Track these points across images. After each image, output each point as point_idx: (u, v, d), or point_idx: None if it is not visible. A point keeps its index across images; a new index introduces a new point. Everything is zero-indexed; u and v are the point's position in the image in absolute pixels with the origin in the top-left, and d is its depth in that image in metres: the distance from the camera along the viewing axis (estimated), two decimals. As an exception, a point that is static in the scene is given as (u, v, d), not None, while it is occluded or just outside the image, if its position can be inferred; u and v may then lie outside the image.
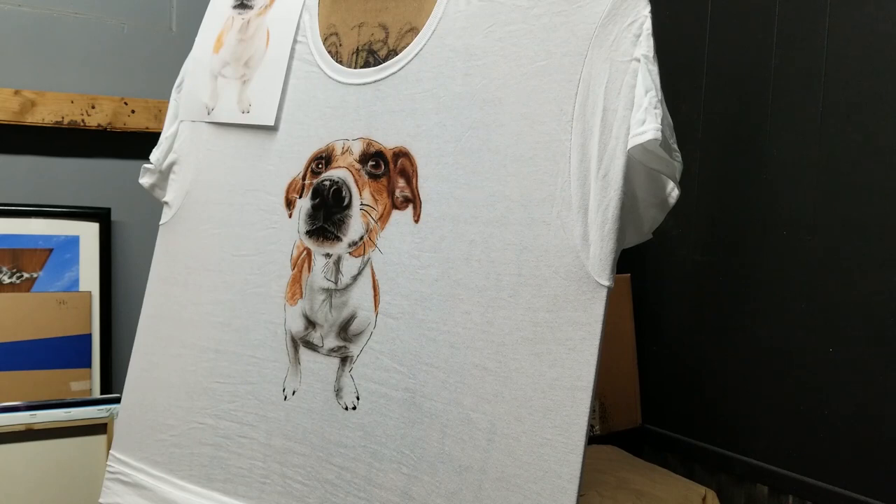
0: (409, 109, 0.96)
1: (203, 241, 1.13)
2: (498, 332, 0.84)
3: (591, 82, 0.83)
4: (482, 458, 0.82)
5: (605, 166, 0.81)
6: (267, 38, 1.13)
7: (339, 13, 1.08)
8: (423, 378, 0.88)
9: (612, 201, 0.80)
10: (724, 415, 1.54)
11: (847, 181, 1.32)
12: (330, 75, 1.05)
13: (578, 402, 0.78)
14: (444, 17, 0.95)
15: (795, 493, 1.40)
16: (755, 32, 1.47)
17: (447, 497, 0.84)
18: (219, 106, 1.15)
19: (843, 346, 1.33)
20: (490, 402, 0.83)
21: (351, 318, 0.96)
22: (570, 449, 0.77)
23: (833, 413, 1.34)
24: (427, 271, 0.90)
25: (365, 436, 0.91)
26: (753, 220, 1.47)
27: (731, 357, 1.52)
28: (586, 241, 0.80)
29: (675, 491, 1.42)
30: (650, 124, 0.79)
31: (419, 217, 0.92)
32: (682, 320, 1.64)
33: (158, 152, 1.21)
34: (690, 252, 1.61)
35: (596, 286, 0.79)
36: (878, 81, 1.28)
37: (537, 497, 0.78)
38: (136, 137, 1.57)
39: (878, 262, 1.28)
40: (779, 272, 1.43)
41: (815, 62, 1.37)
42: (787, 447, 1.41)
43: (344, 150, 1.00)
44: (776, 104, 1.44)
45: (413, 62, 0.97)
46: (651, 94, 0.79)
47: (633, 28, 0.81)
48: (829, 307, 1.34)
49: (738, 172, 1.52)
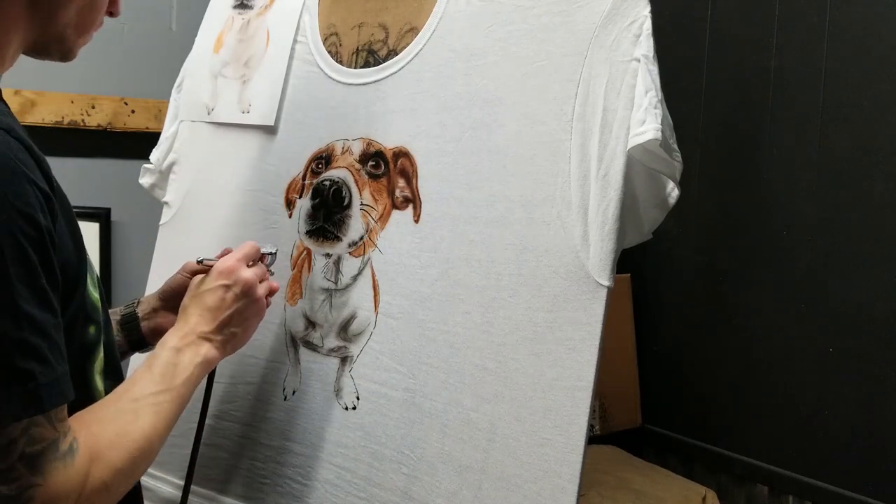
0: (409, 109, 0.96)
1: (203, 242, 1.13)
2: (498, 332, 0.84)
3: (591, 82, 0.83)
4: (482, 458, 0.82)
5: (605, 166, 0.81)
6: (267, 38, 1.13)
7: (339, 13, 1.08)
8: (423, 378, 0.88)
9: (612, 201, 0.80)
10: (724, 415, 1.53)
11: (847, 181, 1.32)
12: (330, 75, 1.05)
13: (578, 402, 0.78)
14: (444, 17, 0.95)
15: (795, 493, 1.40)
16: (755, 32, 1.47)
17: (447, 497, 0.84)
18: (219, 106, 1.15)
19: (843, 346, 1.33)
20: (490, 402, 0.83)
21: (351, 318, 0.96)
22: (570, 449, 0.77)
23: (833, 413, 1.34)
24: (427, 271, 0.90)
25: (365, 436, 0.91)
26: (753, 220, 1.47)
27: (731, 357, 1.51)
28: (586, 241, 0.80)
29: (675, 491, 1.42)
30: (650, 124, 0.79)
31: (419, 217, 0.92)
32: (682, 320, 1.64)
33: (158, 152, 1.21)
34: (690, 252, 1.61)
35: (596, 286, 0.79)
36: (878, 81, 1.28)
37: (537, 497, 0.78)
38: (136, 137, 1.57)
39: (878, 262, 1.28)
40: (779, 272, 1.43)
41: (815, 62, 1.37)
42: (787, 447, 1.41)
43: (344, 150, 1.00)
44: (776, 104, 1.44)
45: (413, 62, 0.97)
46: (651, 94, 0.79)
47: (633, 28, 0.81)
48: (829, 307, 1.34)
49: (738, 172, 1.52)
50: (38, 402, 0.59)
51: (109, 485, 0.65)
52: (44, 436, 0.60)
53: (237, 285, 0.85)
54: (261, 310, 0.89)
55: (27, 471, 0.58)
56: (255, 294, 0.87)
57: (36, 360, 0.59)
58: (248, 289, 0.86)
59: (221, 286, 0.85)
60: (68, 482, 0.61)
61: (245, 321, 0.87)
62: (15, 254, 0.58)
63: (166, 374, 0.77)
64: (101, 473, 0.64)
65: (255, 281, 0.87)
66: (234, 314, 0.85)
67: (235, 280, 0.86)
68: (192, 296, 0.86)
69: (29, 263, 0.59)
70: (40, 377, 0.59)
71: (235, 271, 0.86)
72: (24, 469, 0.58)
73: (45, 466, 0.59)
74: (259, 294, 0.87)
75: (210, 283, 0.86)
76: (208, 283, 0.86)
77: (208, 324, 0.83)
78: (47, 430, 0.60)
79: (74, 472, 0.62)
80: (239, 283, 0.86)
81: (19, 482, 0.58)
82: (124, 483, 0.68)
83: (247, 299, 0.86)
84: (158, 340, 0.82)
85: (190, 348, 0.81)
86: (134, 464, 0.69)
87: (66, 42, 0.75)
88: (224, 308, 0.85)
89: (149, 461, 0.73)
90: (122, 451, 0.67)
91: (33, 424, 0.59)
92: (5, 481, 0.58)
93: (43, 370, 0.59)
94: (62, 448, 0.61)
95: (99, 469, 0.64)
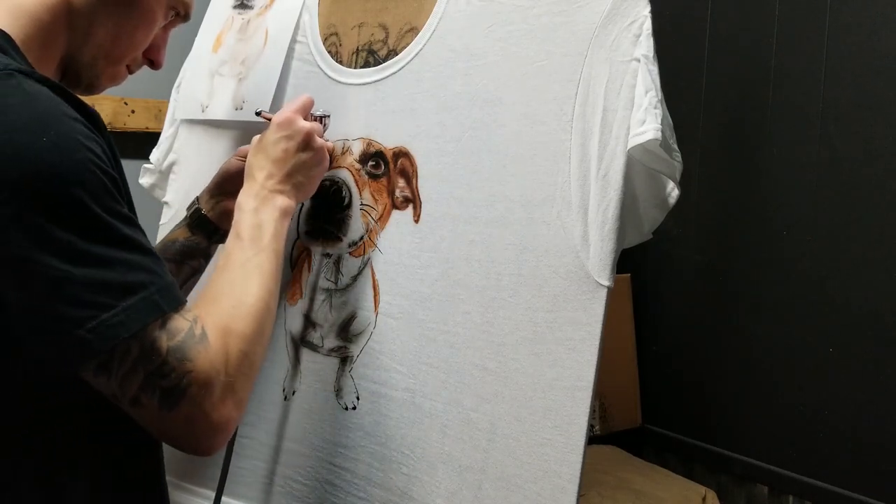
0: (409, 109, 0.96)
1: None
2: (498, 332, 0.84)
3: (591, 82, 0.83)
4: (482, 458, 0.82)
5: (605, 166, 0.81)
6: (265, 37, 1.13)
7: (339, 13, 1.08)
8: (423, 378, 0.88)
9: (612, 201, 0.80)
10: (724, 415, 1.54)
11: (847, 181, 1.33)
12: (330, 75, 1.05)
13: (578, 402, 0.78)
14: (444, 17, 0.95)
15: (795, 493, 1.40)
16: (755, 32, 1.47)
17: (447, 497, 0.84)
18: (213, 103, 1.15)
19: (843, 346, 1.33)
20: (490, 402, 0.83)
21: (351, 318, 0.96)
22: (570, 449, 0.77)
23: (833, 413, 1.34)
24: (427, 271, 0.90)
25: (365, 436, 0.91)
26: (753, 220, 1.47)
27: (731, 357, 1.52)
28: (586, 241, 0.80)
29: (675, 491, 1.42)
30: (650, 124, 0.79)
31: (419, 217, 0.92)
32: (682, 320, 1.64)
33: (158, 152, 1.21)
34: (690, 252, 1.61)
35: (596, 286, 0.79)
36: (878, 81, 1.28)
37: (537, 497, 0.78)
38: (136, 137, 1.56)
39: (878, 262, 1.28)
40: (779, 272, 1.43)
41: (815, 62, 1.37)
42: (787, 447, 1.41)
43: (344, 150, 1.00)
44: (776, 104, 1.44)
45: (413, 62, 0.97)
46: (651, 94, 0.79)
47: (633, 28, 0.81)
48: (829, 307, 1.34)
49: (738, 172, 1.52)
50: (157, 306, 0.63)
51: (248, 352, 0.69)
52: (179, 327, 0.64)
53: (298, 135, 0.87)
54: (322, 159, 0.91)
55: (177, 361, 0.63)
56: (315, 143, 0.89)
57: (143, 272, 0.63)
58: (308, 138, 0.88)
59: (283, 137, 0.87)
60: (214, 361, 0.65)
61: (309, 170, 0.89)
62: (97, 185, 0.62)
63: (254, 236, 0.80)
64: (236, 344, 0.68)
65: (313, 131, 0.89)
66: (299, 164, 0.87)
67: (295, 130, 0.87)
68: (254, 152, 0.88)
69: (110, 193, 0.63)
70: (150, 286, 0.63)
71: (294, 122, 0.88)
72: (174, 360, 0.63)
73: (189, 353, 0.64)
74: (319, 143, 0.90)
75: (271, 136, 0.87)
76: (269, 136, 0.88)
77: (276, 176, 0.85)
78: (179, 322, 0.65)
79: (214, 351, 0.66)
80: (299, 133, 0.88)
81: (175, 373, 0.63)
82: (260, 346, 0.72)
83: (308, 148, 0.88)
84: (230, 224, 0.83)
85: (266, 204, 0.83)
86: (260, 326, 0.72)
87: (96, 68, 0.78)
88: (288, 159, 0.87)
89: (271, 319, 0.76)
90: (246, 319, 0.71)
91: (166, 321, 0.64)
92: (162, 375, 0.63)
93: (152, 279, 0.63)
94: (197, 333, 0.65)
95: (233, 341, 0.68)
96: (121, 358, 0.61)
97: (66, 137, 0.61)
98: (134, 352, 0.62)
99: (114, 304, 0.60)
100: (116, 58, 0.79)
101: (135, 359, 0.62)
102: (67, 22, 0.73)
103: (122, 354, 0.61)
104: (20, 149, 0.59)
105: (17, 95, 0.61)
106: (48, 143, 0.60)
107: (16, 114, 0.60)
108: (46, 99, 0.63)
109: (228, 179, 0.98)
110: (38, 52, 0.71)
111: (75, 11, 0.73)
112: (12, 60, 0.65)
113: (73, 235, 0.60)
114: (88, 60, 0.76)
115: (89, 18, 0.74)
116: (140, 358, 0.62)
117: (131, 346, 0.61)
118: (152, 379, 0.62)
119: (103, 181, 0.63)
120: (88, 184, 0.61)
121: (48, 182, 0.60)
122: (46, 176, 0.59)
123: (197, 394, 0.64)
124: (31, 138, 0.59)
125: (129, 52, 0.80)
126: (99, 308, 0.60)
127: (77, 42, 0.75)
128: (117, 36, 0.76)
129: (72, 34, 0.74)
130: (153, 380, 0.62)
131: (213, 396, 0.65)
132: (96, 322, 0.60)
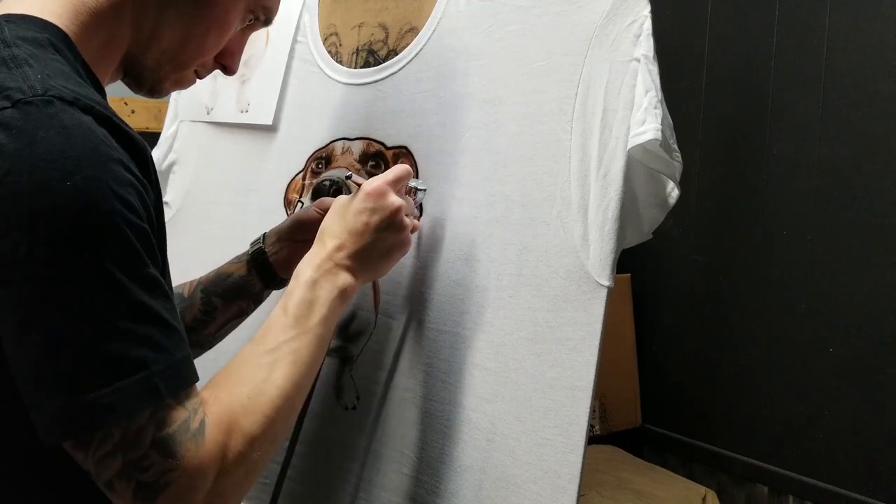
0: (409, 109, 0.96)
1: (203, 242, 1.13)
2: (498, 332, 0.84)
3: (591, 82, 0.83)
4: (482, 458, 0.82)
5: (605, 166, 0.81)
6: (266, 38, 1.13)
7: (339, 13, 1.08)
8: (423, 378, 0.88)
9: (612, 201, 0.80)
10: (724, 415, 1.54)
11: (847, 181, 1.33)
12: (330, 75, 1.05)
13: (578, 402, 0.78)
14: (444, 16, 0.95)
15: (795, 493, 1.40)
16: (755, 32, 1.47)
17: (447, 497, 0.84)
18: (217, 105, 1.15)
19: (843, 346, 1.33)
20: (490, 402, 0.83)
21: (351, 318, 0.96)
22: (570, 449, 0.77)
23: (833, 413, 1.34)
24: (427, 271, 0.90)
25: (365, 436, 0.91)
26: (753, 219, 1.47)
27: (730, 357, 1.52)
28: (586, 241, 0.80)
29: (675, 491, 1.42)
30: (650, 124, 0.79)
31: (419, 217, 0.92)
32: (682, 320, 1.64)
33: (158, 152, 1.21)
34: (690, 252, 1.61)
35: (596, 286, 0.79)
36: (878, 81, 1.28)
37: (537, 497, 0.78)
38: (136, 137, 1.57)
39: (878, 262, 1.28)
40: (779, 272, 1.43)
41: (815, 62, 1.37)
42: (787, 447, 1.41)
43: (344, 150, 1.00)
44: (776, 104, 1.44)
45: (413, 62, 0.97)
46: (651, 94, 0.79)
47: (633, 28, 0.81)
48: (829, 307, 1.34)
49: (738, 172, 1.52)
50: (155, 391, 0.55)
51: (248, 455, 0.61)
52: (173, 418, 0.57)
53: (384, 210, 0.77)
54: (405, 244, 0.81)
55: (160, 457, 0.56)
56: (402, 222, 0.79)
57: (149, 347, 0.56)
58: (395, 216, 0.78)
59: (368, 209, 0.77)
60: (204, 461, 0.57)
61: (387, 252, 0.79)
62: (119, 243, 0.55)
63: (301, 314, 0.70)
64: (238, 445, 0.60)
65: (402, 209, 0.79)
66: (376, 242, 0.77)
67: (383, 205, 0.77)
68: (333, 216, 0.79)
69: (134, 253, 0.56)
70: (153, 366, 0.55)
71: (385, 196, 0.78)
72: (157, 455, 0.56)
73: (177, 449, 0.56)
74: (405, 224, 0.79)
75: (356, 205, 0.78)
76: (354, 203, 0.78)
77: (347, 248, 0.76)
78: (176, 411, 0.57)
79: (208, 449, 0.58)
80: (387, 209, 0.77)
81: (154, 469, 0.56)
82: (267, 449, 0.63)
83: (392, 228, 0.78)
84: (290, 273, 0.75)
85: (327, 279, 0.74)
86: (272, 427, 0.63)
87: (160, 72, 0.71)
88: (367, 233, 0.77)
89: (291, 419, 0.68)
90: (257, 416, 0.62)
91: (160, 409, 0.56)
92: (141, 470, 0.56)
93: (157, 357, 0.56)
94: (192, 427, 0.57)
95: (236, 441, 0.60)
96: (101, 440, 0.55)
97: (97, 184, 0.54)
98: (115, 436, 0.55)
99: (106, 383, 0.53)
100: (183, 63, 0.72)
101: (115, 443, 0.55)
102: (132, 20, 0.67)
103: (104, 437, 0.55)
104: (40, 186, 0.52)
105: (53, 127, 0.54)
106: (73, 187, 0.53)
107: (45, 148, 0.53)
108: (84, 134, 0.55)
109: (300, 228, 0.91)
110: (97, 50, 0.65)
111: (141, 11, 0.67)
112: (64, 66, 0.59)
113: (77, 293, 0.53)
114: (152, 64, 0.70)
115: (156, 19, 0.68)
116: (121, 444, 0.55)
117: (114, 430, 0.55)
118: (130, 469, 0.55)
119: (129, 239, 0.55)
120: (109, 240, 0.54)
121: (61, 229, 0.53)
122: (62, 222, 0.53)
123: (176, 494, 0.56)
124: (56, 177, 0.52)
125: (198, 57, 0.73)
126: (88, 385, 0.53)
127: (141, 43, 0.69)
128: (186, 40, 0.70)
129: (136, 34, 0.68)
130: (130, 470, 0.55)
131: (196, 500, 0.57)
132: (82, 400, 0.53)
